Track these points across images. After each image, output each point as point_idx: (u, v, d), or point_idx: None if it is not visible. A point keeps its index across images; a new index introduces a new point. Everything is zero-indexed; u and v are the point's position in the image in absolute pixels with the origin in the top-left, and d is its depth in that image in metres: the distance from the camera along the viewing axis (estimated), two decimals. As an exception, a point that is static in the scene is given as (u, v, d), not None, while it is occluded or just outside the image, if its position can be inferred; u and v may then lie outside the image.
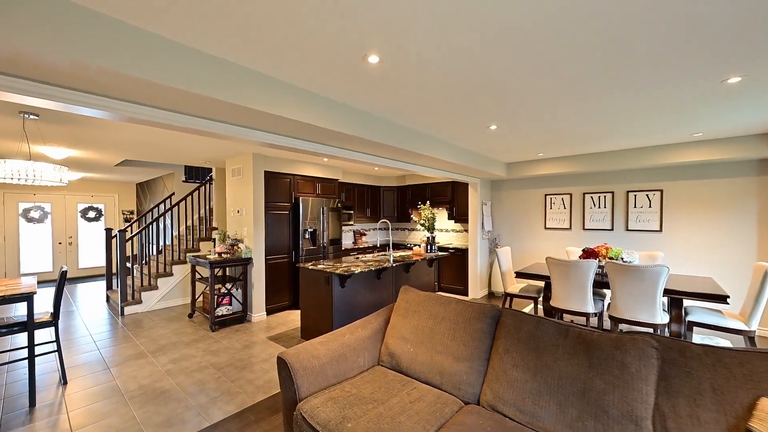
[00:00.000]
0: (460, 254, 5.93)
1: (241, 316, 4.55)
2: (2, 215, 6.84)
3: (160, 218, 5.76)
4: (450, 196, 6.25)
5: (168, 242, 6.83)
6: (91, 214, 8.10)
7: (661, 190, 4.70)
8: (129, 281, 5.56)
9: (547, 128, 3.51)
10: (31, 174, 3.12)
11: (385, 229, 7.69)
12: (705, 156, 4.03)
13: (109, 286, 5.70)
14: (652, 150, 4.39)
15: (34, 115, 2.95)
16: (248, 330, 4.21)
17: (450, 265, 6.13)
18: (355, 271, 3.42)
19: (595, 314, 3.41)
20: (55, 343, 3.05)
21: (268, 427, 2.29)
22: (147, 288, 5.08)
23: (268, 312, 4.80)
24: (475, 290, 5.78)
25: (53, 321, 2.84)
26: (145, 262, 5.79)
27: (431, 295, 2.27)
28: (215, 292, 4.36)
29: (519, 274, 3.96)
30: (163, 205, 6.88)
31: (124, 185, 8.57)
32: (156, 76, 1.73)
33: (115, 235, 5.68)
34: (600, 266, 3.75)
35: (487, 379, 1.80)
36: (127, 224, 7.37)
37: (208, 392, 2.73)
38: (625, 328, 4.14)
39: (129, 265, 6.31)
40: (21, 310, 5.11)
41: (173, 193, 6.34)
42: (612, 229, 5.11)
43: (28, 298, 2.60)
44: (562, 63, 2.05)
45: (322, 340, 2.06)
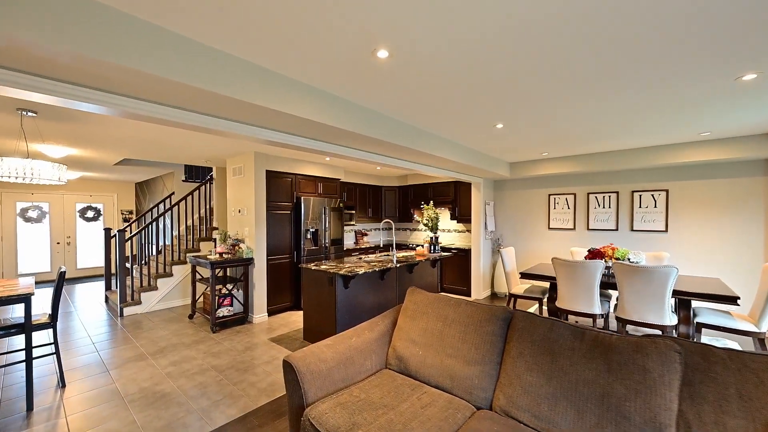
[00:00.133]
0: (463, 254, 5.88)
1: (243, 317, 4.48)
2: (0, 215, 6.77)
3: (160, 218, 5.69)
4: (452, 196, 6.20)
5: (168, 242, 6.77)
6: (90, 214, 8.02)
7: (667, 190, 4.66)
8: (128, 282, 5.48)
9: (555, 127, 3.46)
10: (29, 172, 3.06)
11: (388, 229, 7.63)
12: (711, 155, 3.99)
13: (108, 287, 5.63)
14: (658, 150, 4.35)
15: (32, 111, 2.88)
16: (250, 331, 4.15)
17: (452, 266, 6.08)
18: (359, 272, 3.36)
19: (602, 315, 3.37)
20: (53, 345, 2.98)
21: None
22: (146, 289, 5.01)
23: (270, 313, 4.74)
24: (478, 291, 5.73)
25: (51, 322, 2.77)
26: (144, 263, 5.72)
27: (439, 296, 2.22)
28: (216, 293, 4.30)
29: (524, 275, 3.92)
30: (162, 204, 6.81)
31: (123, 185, 8.49)
32: (157, 69, 1.67)
33: (114, 235, 5.59)
34: (607, 267, 3.71)
35: (500, 383, 1.74)
36: (126, 224, 7.30)
37: (209, 395, 2.67)
38: (632, 329, 4.10)
39: (128, 265, 6.24)
40: (18, 312, 5.03)
41: (173, 193, 6.27)
42: (617, 230, 5.06)
43: (25, 299, 2.54)
44: (575, 61, 2.00)
45: (329, 342, 2.00)
